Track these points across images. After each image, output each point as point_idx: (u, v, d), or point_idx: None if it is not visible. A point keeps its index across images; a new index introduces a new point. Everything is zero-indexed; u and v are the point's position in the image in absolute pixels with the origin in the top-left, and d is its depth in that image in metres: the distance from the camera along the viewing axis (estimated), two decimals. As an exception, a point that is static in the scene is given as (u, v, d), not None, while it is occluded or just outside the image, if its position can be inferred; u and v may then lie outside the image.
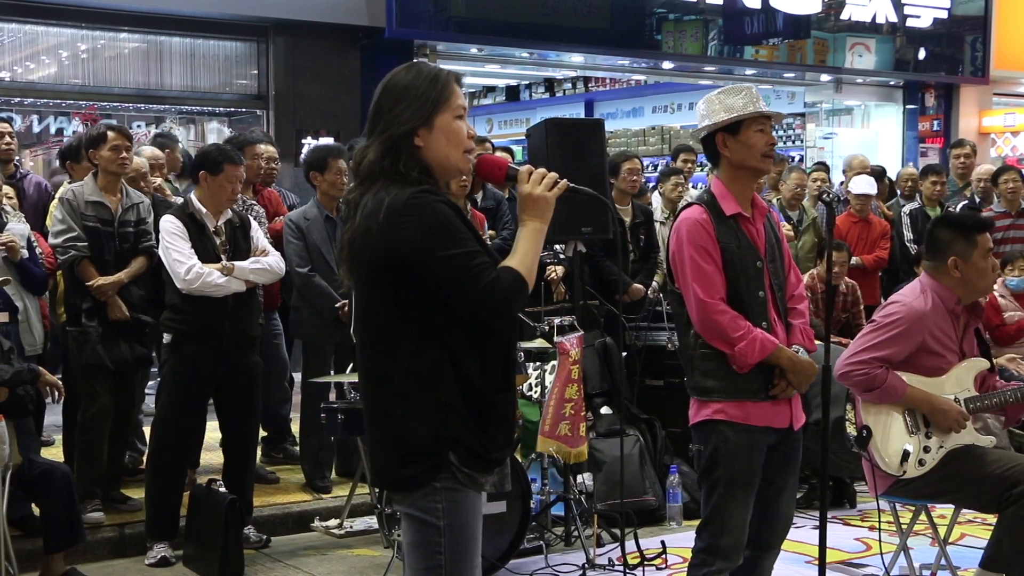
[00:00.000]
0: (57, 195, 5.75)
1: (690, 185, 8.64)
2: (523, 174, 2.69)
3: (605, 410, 6.26)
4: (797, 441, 3.65)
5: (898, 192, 9.74)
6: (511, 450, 2.71)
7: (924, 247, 4.56)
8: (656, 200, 8.40)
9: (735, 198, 3.55)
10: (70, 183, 5.89)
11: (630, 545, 5.16)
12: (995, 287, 6.55)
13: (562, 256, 6.45)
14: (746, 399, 3.50)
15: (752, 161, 3.54)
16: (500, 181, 2.87)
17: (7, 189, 5.95)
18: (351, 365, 5.54)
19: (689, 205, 3.64)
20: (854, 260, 7.90)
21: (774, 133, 3.65)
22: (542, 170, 2.69)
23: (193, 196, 5.34)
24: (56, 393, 5.06)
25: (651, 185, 9.62)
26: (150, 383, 6.91)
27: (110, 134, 5.52)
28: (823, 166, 9.87)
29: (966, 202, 9.09)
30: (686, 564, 3.72)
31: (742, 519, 3.53)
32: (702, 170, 10.58)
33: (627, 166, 7.41)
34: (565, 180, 2.70)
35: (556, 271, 6.81)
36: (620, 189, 7.42)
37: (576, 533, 5.45)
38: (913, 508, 4.45)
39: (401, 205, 2.53)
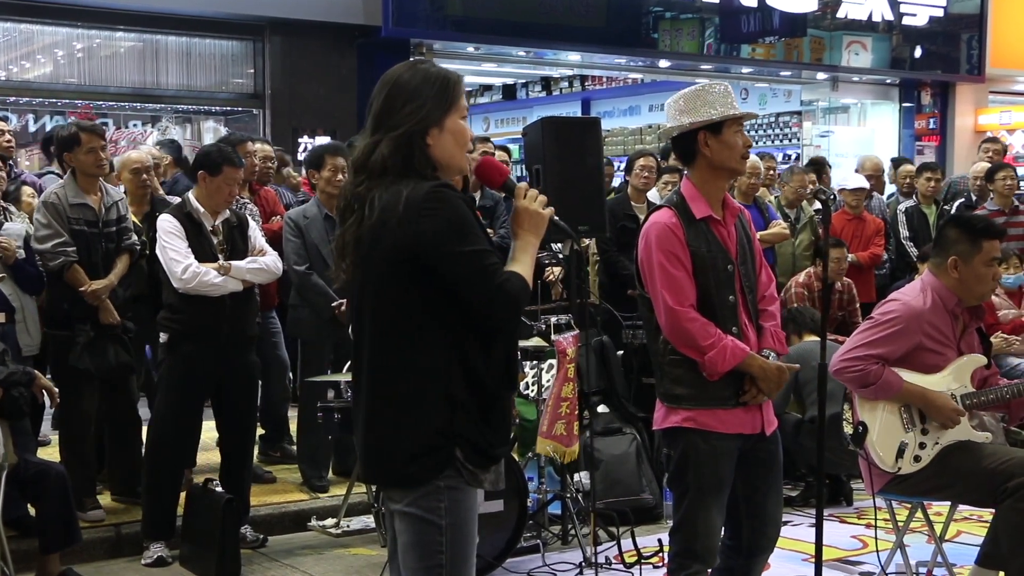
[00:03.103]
0: (40, 199, 5.68)
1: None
2: (520, 189, 2.75)
3: (602, 409, 6.26)
4: (774, 444, 3.61)
5: (895, 189, 9.76)
6: (509, 448, 2.74)
7: (933, 243, 4.57)
8: (653, 198, 8.40)
9: (706, 200, 3.51)
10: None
11: (627, 543, 5.17)
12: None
13: (560, 256, 6.45)
14: (716, 407, 3.46)
15: (732, 162, 3.51)
16: (495, 187, 2.89)
17: (28, 190, 5.95)
18: (348, 364, 5.54)
19: (659, 207, 3.60)
20: (850, 257, 7.91)
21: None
22: (536, 191, 2.76)
23: (191, 195, 5.33)
24: (50, 398, 5.04)
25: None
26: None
27: (83, 136, 5.43)
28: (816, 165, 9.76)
29: (962, 200, 9.10)
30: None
31: (714, 523, 3.52)
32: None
33: (640, 162, 7.44)
34: (552, 208, 2.77)
35: (554, 272, 6.81)
36: (633, 186, 7.45)
37: (573, 532, 5.45)
38: (909, 505, 4.46)
39: (421, 198, 2.55)
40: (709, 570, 3.58)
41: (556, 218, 2.84)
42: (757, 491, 3.58)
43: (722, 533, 3.61)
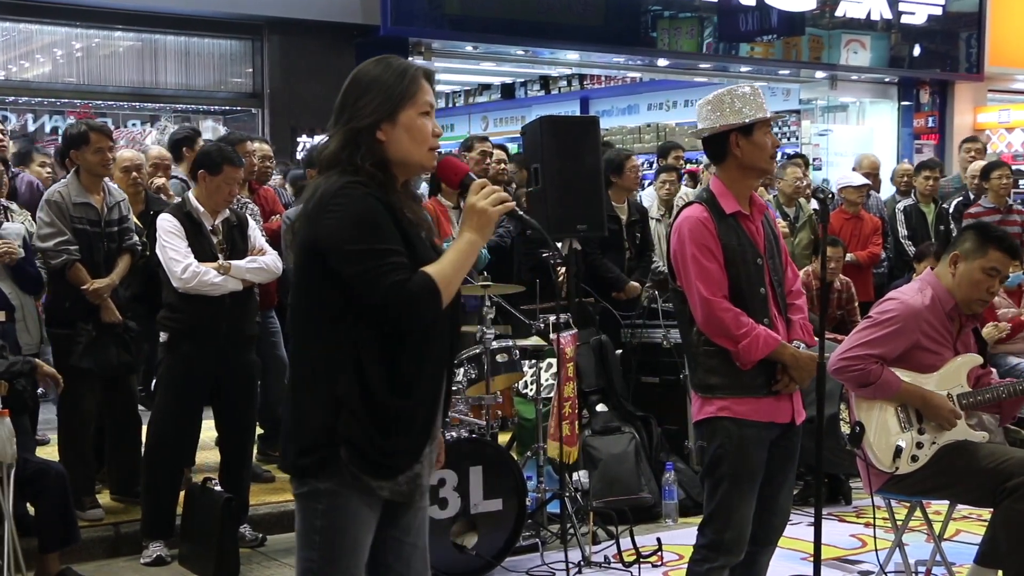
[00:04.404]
0: (44, 197, 5.68)
1: (682, 184, 8.65)
2: (475, 186, 2.67)
3: (600, 407, 6.27)
4: (797, 436, 3.68)
5: (893, 188, 9.77)
6: (414, 460, 2.63)
7: (949, 244, 4.59)
8: (649, 197, 8.41)
9: (735, 197, 3.58)
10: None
11: (626, 542, 5.17)
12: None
13: (565, 255, 6.44)
14: (749, 395, 3.52)
15: (762, 162, 3.59)
16: (454, 186, 2.85)
17: None
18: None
19: (689, 204, 3.67)
20: (848, 256, 7.91)
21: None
22: (494, 187, 2.67)
23: (191, 195, 5.34)
24: (55, 385, 5.05)
25: (647, 182, 9.63)
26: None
27: (92, 136, 5.45)
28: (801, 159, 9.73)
29: (960, 199, 9.10)
30: (681, 561, 3.73)
31: (746, 514, 3.55)
32: (700, 167, 10.58)
33: (630, 164, 7.44)
34: (513, 203, 2.68)
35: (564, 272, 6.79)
36: (623, 187, 7.44)
37: (572, 531, 5.45)
38: (908, 504, 4.46)
39: (330, 195, 2.55)
40: (730, 567, 3.59)
41: (520, 212, 2.81)
42: (773, 480, 3.63)
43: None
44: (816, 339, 3.71)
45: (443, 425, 2.84)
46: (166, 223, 5.18)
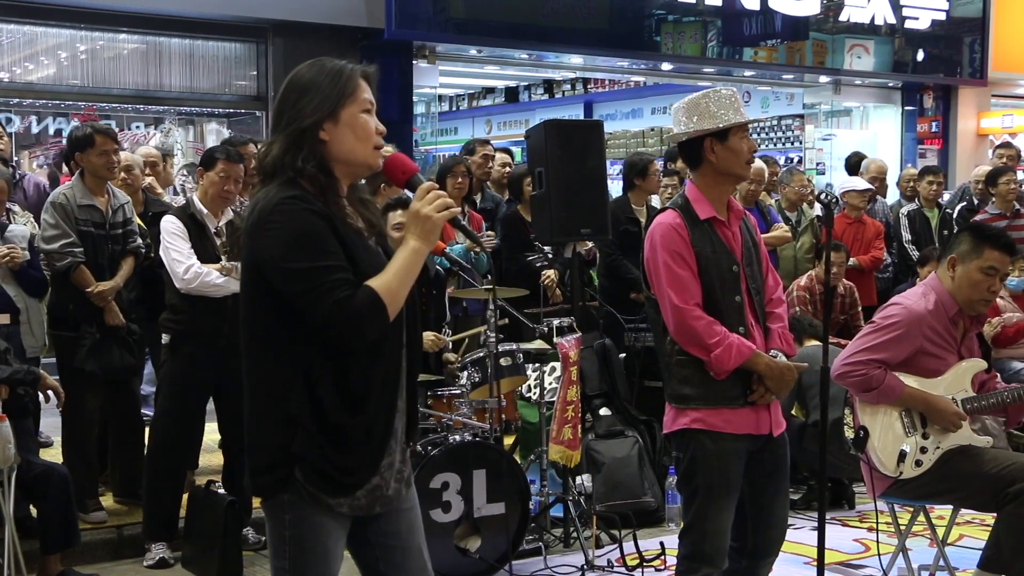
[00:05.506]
0: (48, 199, 5.68)
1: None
2: (421, 190, 2.59)
3: (604, 411, 6.27)
4: (782, 447, 3.63)
5: (899, 192, 9.78)
6: (371, 474, 2.58)
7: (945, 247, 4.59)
8: (655, 202, 8.42)
9: (710, 202, 3.53)
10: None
11: (629, 546, 5.17)
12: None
13: (551, 257, 6.46)
14: (724, 406, 3.48)
15: (737, 168, 3.54)
16: (400, 185, 2.80)
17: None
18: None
19: (663, 210, 3.63)
20: (851, 261, 7.91)
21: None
22: (439, 192, 2.58)
23: (194, 196, 5.36)
24: (57, 398, 5.06)
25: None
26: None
27: (97, 138, 5.48)
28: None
29: (964, 203, 9.10)
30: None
31: (723, 525, 3.52)
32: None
33: (654, 168, 7.48)
34: (456, 208, 2.61)
35: (550, 275, 6.80)
36: (646, 190, 7.47)
37: (575, 534, 5.45)
38: (911, 509, 4.45)
39: (268, 211, 2.48)
40: (716, 574, 3.58)
41: (463, 222, 2.78)
42: (764, 493, 3.59)
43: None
44: (797, 348, 3.69)
45: (415, 435, 2.78)
46: (170, 225, 5.21)
